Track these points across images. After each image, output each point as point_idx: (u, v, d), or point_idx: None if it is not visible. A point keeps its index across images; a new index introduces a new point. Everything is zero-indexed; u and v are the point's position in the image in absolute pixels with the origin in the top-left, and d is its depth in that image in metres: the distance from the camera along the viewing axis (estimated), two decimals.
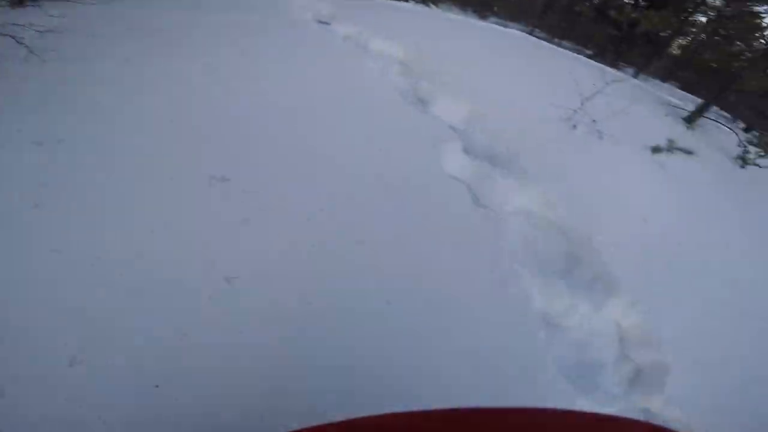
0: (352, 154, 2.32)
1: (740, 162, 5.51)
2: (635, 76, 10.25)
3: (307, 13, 5.28)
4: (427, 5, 11.00)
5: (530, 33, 15.08)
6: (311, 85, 2.90)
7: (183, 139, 2.04)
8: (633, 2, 12.94)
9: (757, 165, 5.47)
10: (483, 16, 16.62)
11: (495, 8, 17.75)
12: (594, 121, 3.68)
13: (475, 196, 2.59)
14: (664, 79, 13.66)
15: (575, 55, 8.68)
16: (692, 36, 9.94)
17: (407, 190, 2.22)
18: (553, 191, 2.61)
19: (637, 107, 4.64)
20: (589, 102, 3.76)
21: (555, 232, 2.53)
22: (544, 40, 13.80)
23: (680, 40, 10.70)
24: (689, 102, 8.77)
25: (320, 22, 5.24)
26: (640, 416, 1.92)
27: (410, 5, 9.44)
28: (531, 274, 2.13)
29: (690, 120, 6.40)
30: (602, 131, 3.62)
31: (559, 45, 13.75)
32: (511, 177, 2.65)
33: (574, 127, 3.58)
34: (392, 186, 2.20)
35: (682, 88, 12.87)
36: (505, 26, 14.15)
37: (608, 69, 7.17)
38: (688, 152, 3.92)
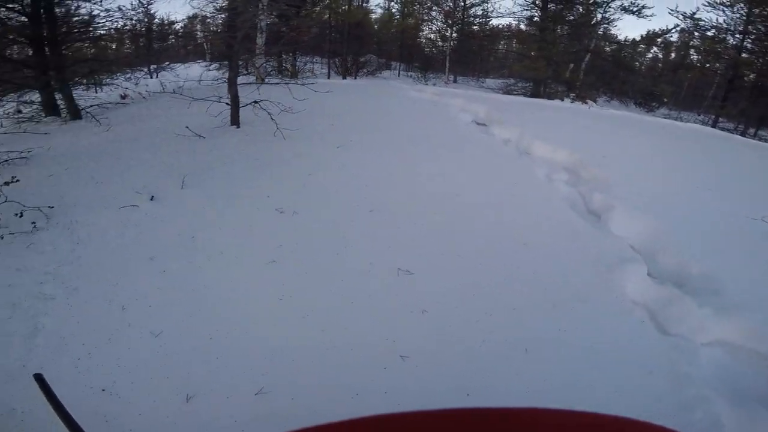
0: (520, 266, 2.28)
1: None
2: None
3: (466, 116, 5.88)
4: (585, 103, 10.90)
5: (713, 124, 13.29)
6: (479, 189, 3.08)
7: (378, 227, 2.37)
8: None
9: None
10: (650, 109, 15.58)
11: (664, 99, 16.44)
12: None
13: (660, 324, 2.24)
14: None
15: None
16: None
17: (580, 311, 2.04)
18: (761, 324, 2.08)
19: None
20: None
21: (763, 366, 2.00)
22: (733, 131, 11.94)
23: None
24: None
25: (478, 123, 5.73)
26: None
27: (565, 104, 9.51)
28: (726, 401, 1.75)
29: None
30: None
31: (755, 136, 11.69)
32: (707, 306, 2.22)
33: None
34: (562, 305, 2.06)
35: None
36: (679, 118, 12.87)
37: None
38: None
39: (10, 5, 5.47)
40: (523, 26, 15.74)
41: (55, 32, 5.91)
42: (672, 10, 14.85)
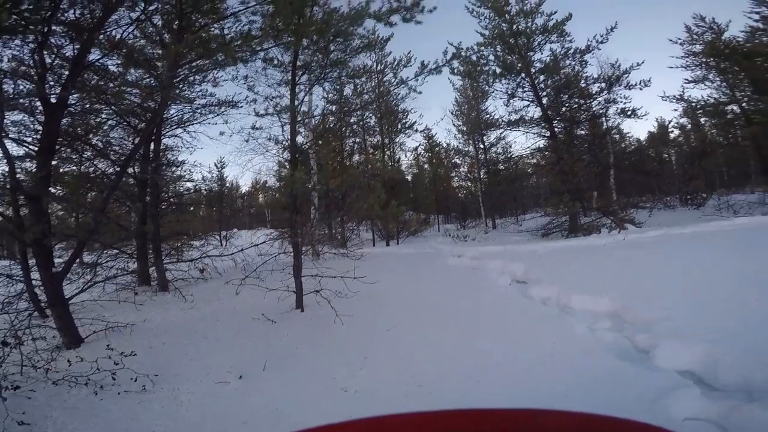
0: None
1: None
2: None
3: (505, 278, 6.58)
4: (623, 229, 10.74)
5: None
6: (519, 358, 3.44)
7: (429, 405, 2.80)
8: None
9: None
10: (698, 205, 15.18)
11: (703, 195, 15.85)
12: None
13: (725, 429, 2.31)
14: None
15: None
16: None
17: None
18: None
19: None
20: None
21: None
22: None
23: None
24: None
25: (518, 282, 6.35)
26: None
27: (602, 239, 9.61)
28: None
29: None
30: None
31: None
32: None
33: None
34: None
35: None
36: (729, 208, 12.27)
37: None
38: None
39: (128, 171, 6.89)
40: (537, 159, 16.18)
41: (158, 203, 7.60)
42: (662, 96, 15.73)
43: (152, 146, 7.64)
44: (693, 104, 15.83)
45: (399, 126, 17.33)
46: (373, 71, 14.43)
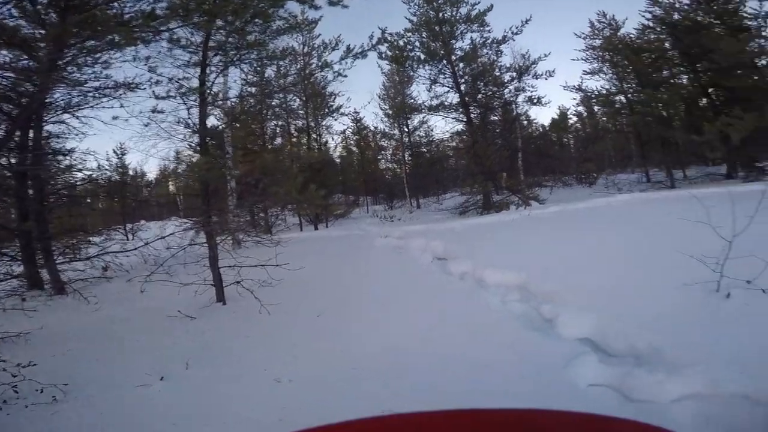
0: (475, 387, 2.66)
1: None
2: None
3: (427, 255, 7.05)
4: (528, 206, 12.07)
5: (647, 179, 15.26)
6: (439, 331, 3.75)
7: (363, 384, 2.91)
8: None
9: None
10: (591, 183, 17.60)
11: (594, 175, 18.24)
12: (749, 281, 3.07)
13: (625, 395, 2.56)
14: None
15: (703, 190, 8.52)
16: None
17: (537, 397, 2.40)
18: (718, 372, 2.47)
19: None
20: (737, 248, 3.18)
21: (738, 405, 2.29)
22: (665, 181, 13.67)
23: None
24: None
25: (439, 259, 6.85)
26: None
27: (511, 215, 10.78)
28: None
29: None
30: None
31: (685, 179, 13.63)
32: (660, 371, 2.60)
33: (728, 295, 3.12)
34: (515, 396, 2.40)
35: None
36: (615, 186, 14.64)
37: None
38: None
39: None
40: (456, 142, 17.64)
41: (42, 197, 6.78)
42: (564, 86, 18.00)
43: (31, 134, 6.76)
44: (588, 94, 18.04)
45: (326, 109, 17.13)
46: (299, 53, 14.07)
